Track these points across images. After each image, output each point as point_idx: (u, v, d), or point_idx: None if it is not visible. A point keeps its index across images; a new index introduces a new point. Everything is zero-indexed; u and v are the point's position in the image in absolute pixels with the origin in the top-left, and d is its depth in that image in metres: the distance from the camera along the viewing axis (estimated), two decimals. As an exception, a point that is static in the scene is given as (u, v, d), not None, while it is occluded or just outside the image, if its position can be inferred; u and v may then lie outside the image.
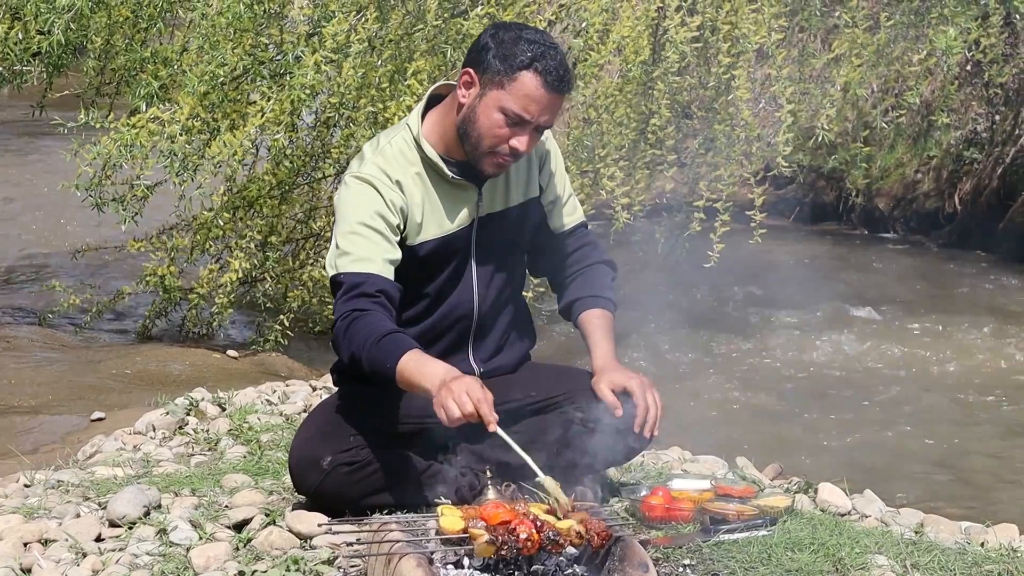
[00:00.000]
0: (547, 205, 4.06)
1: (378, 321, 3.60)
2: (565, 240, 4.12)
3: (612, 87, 7.50)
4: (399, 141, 3.85)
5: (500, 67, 3.67)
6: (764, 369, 8.08)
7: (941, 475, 6.37)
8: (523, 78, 3.66)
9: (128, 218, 7.16)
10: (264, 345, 7.41)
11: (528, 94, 3.66)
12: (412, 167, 3.82)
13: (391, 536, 3.32)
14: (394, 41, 7.25)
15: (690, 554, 3.62)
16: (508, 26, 3.78)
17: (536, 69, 3.65)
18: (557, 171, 4.07)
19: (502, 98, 3.68)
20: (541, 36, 3.72)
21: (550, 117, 3.73)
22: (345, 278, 3.68)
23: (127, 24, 7.94)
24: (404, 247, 3.80)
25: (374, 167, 3.79)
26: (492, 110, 3.70)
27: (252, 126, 7.02)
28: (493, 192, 3.92)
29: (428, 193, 3.83)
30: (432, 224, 3.83)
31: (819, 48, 9.58)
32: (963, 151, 12.13)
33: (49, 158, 11.81)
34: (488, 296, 3.97)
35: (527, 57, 3.65)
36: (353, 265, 3.68)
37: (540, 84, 3.66)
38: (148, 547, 3.66)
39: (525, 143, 3.72)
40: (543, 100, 3.67)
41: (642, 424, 3.84)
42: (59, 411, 6.11)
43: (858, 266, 11.20)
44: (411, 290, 3.87)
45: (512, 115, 3.68)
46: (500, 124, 3.70)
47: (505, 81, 3.67)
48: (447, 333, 3.96)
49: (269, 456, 4.63)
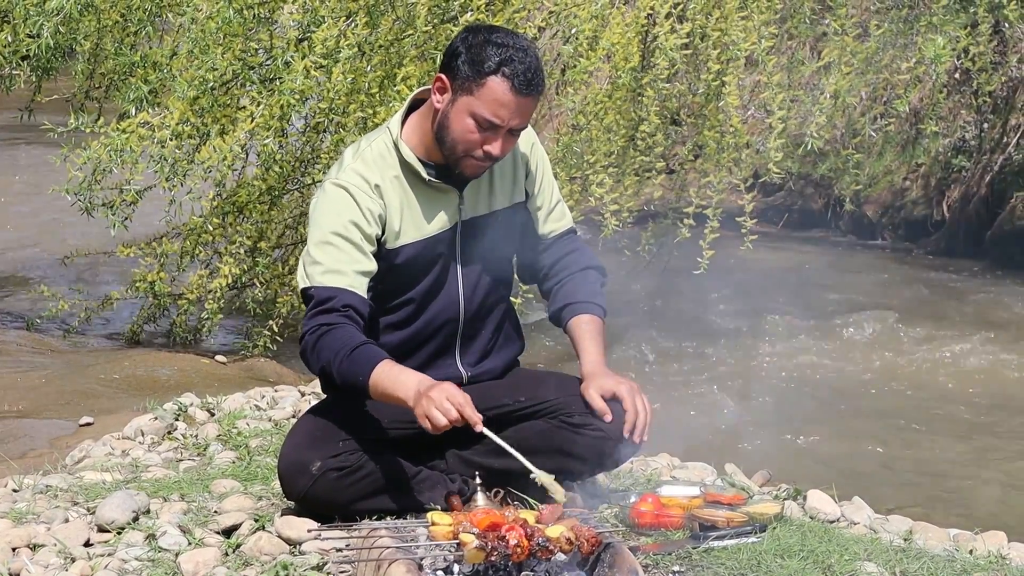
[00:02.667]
0: (534, 211, 4.06)
1: (348, 334, 3.60)
2: (553, 246, 4.11)
3: (601, 94, 7.51)
4: (379, 144, 3.85)
5: (469, 72, 3.67)
6: (753, 376, 8.09)
7: (929, 482, 6.38)
8: (491, 83, 3.65)
9: (118, 223, 7.15)
10: (253, 350, 7.40)
11: (497, 99, 3.66)
12: (391, 170, 3.82)
13: (380, 542, 3.32)
14: (384, 46, 7.25)
15: (680, 560, 3.62)
16: (479, 29, 3.76)
17: (504, 74, 3.64)
18: (544, 177, 4.06)
19: (472, 104, 3.68)
20: (511, 39, 3.71)
21: (522, 120, 3.72)
22: (316, 292, 3.67)
23: (116, 28, 7.93)
24: (383, 251, 3.79)
25: (352, 172, 3.78)
26: (464, 116, 3.69)
27: (242, 131, 7.02)
28: (476, 196, 3.91)
29: (407, 196, 3.82)
30: (411, 228, 3.82)
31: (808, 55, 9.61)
32: (951, 159, 12.16)
33: (38, 162, 11.78)
34: (474, 300, 3.96)
35: (495, 62, 3.64)
36: (324, 278, 3.67)
37: (508, 89, 3.65)
38: (137, 552, 3.65)
39: (499, 147, 3.72)
40: (512, 104, 3.67)
41: (631, 429, 3.85)
42: (47, 416, 6.09)
43: (846, 273, 11.21)
44: (395, 296, 3.87)
45: (483, 121, 3.68)
46: (472, 129, 3.70)
47: (474, 87, 3.67)
48: (433, 338, 3.96)
49: (258, 461, 4.62)
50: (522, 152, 4.01)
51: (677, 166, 9.28)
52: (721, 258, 7.48)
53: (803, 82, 8.69)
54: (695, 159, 8.50)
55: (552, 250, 4.11)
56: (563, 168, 7.55)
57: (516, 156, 3.99)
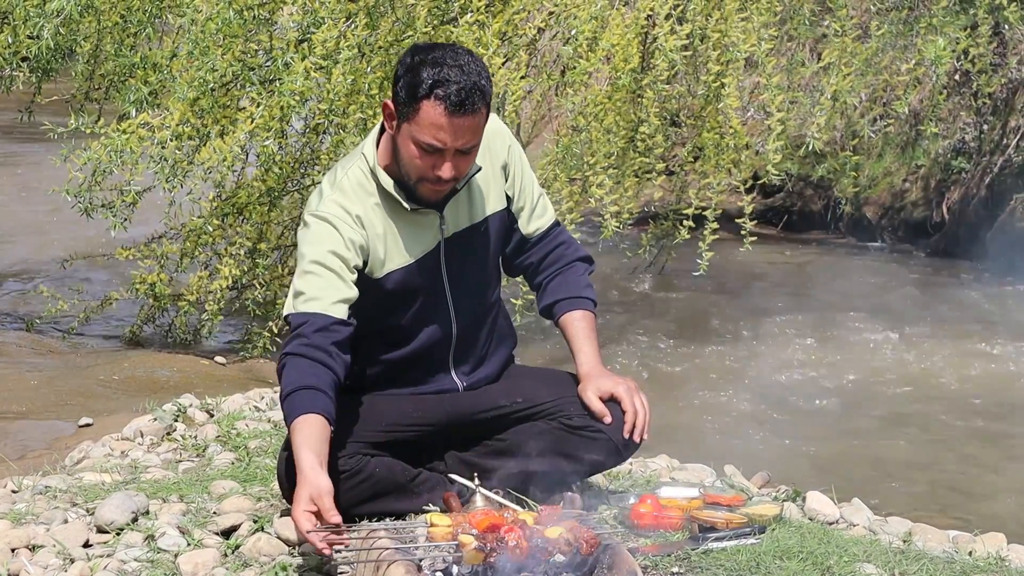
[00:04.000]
0: (517, 212, 4.00)
1: (294, 373, 3.55)
2: (539, 243, 4.07)
3: (601, 95, 7.50)
4: (356, 172, 3.78)
5: (405, 98, 3.58)
6: (752, 377, 8.09)
7: (929, 484, 6.38)
8: (425, 107, 3.55)
9: (117, 224, 7.15)
10: (252, 351, 7.40)
11: (433, 123, 3.56)
12: (371, 198, 3.75)
13: (380, 543, 3.32)
14: (384, 48, 7.25)
15: (679, 562, 3.62)
16: (418, 50, 3.66)
17: (437, 96, 3.53)
18: (524, 176, 3.99)
19: (412, 130, 3.59)
20: (449, 57, 3.59)
21: (467, 139, 3.61)
22: (292, 318, 3.64)
23: (116, 29, 7.92)
24: (370, 282, 3.75)
25: (333, 204, 3.72)
26: (408, 143, 3.62)
27: (242, 132, 7.02)
28: (456, 212, 3.84)
29: (389, 223, 3.76)
30: (396, 255, 3.78)
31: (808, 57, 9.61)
32: (951, 160, 12.14)
33: (38, 163, 11.78)
34: (466, 316, 3.93)
35: (427, 86, 3.54)
36: (302, 306, 3.63)
37: (443, 112, 3.54)
38: (136, 553, 3.65)
39: (449, 170, 3.62)
40: (449, 127, 3.56)
41: (631, 429, 3.85)
42: (46, 417, 6.10)
43: (846, 275, 11.20)
44: (387, 320, 3.84)
45: (425, 145, 3.59)
46: (417, 156, 3.61)
47: (411, 113, 3.58)
48: (427, 356, 3.93)
49: (257, 462, 4.62)
50: (499, 156, 3.92)
51: (677, 167, 9.28)
52: (720, 259, 7.48)
53: (803, 83, 8.70)
54: (695, 160, 8.50)
55: (539, 247, 4.07)
56: (563, 169, 7.55)
57: (494, 163, 3.91)
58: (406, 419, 3.85)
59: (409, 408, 3.91)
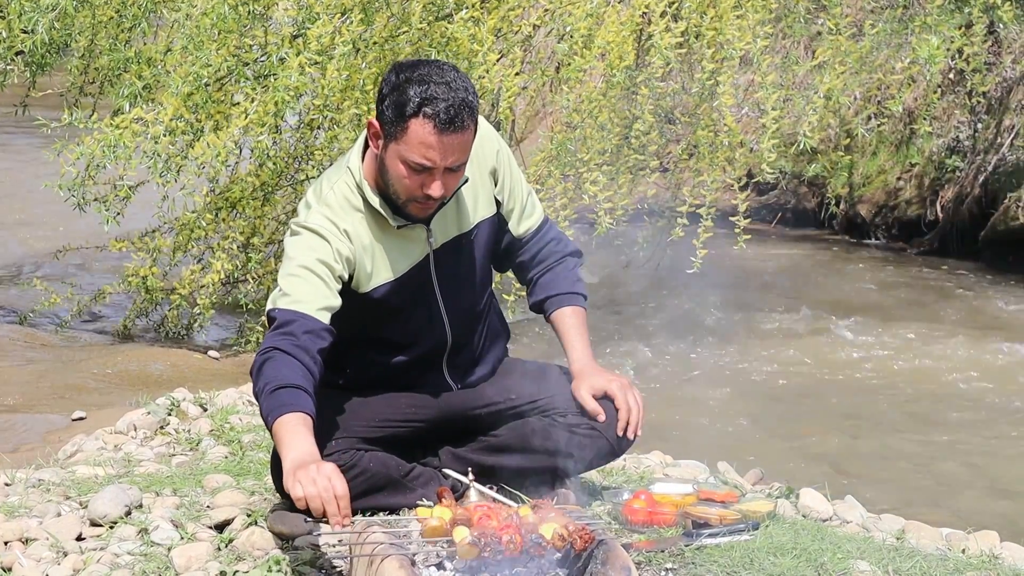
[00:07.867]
0: (507, 214, 3.98)
1: (284, 368, 3.49)
2: (530, 242, 4.06)
3: (596, 92, 7.50)
4: (342, 187, 3.74)
5: (392, 117, 3.55)
6: (745, 374, 8.10)
7: (922, 482, 6.39)
8: (413, 126, 3.51)
9: (111, 218, 7.13)
10: (245, 346, 7.40)
11: (422, 142, 3.52)
12: (358, 212, 3.73)
13: (374, 537, 3.32)
14: (379, 43, 7.25)
15: (672, 558, 3.62)
16: (402, 67, 3.61)
17: (425, 114, 3.49)
18: (512, 177, 3.96)
19: (400, 150, 3.55)
20: (432, 73, 3.55)
21: (457, 157, 3.58)
22: (279, 314, 3.58)
23: (111, 24, 7.91)
24: (358, 295, 3.74)
25: (321, 216, 3.69)
26: (396, 162, 3.58)
27: (235, 127, 7.01)
28: (444, 223, 3.82)
29: (375, 238, 3.74)
30: (383, 269, 3.76)
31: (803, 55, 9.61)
32: (945, 159, 12.16)
33: (31, 157, 11.76)
34: (459, 322, 3.92)
35: (414, 104, 3.50)
36: (292, 304, 3.59)
37: (432, 130, 3.50)
38: (129, 547, 3.65)
39: (438, 188, 3.59)
40: (439, 145, 3.52)
41: (624, 426, 3.86)
42: (40, 410, 6.09)
43: (839, 272, 11.23)
44: (380, 332, 3.84)
45: (414, 165, 3.55)
46: (406, 175, 3.58)
47: (398, 132, 3.54)
48: (421, 363, 3.93)
49: (251, 457, 4.62)
50: (488, 162, 3.90)
51: (671, 165, 9.28)
52: (715, 257, 7.48)
53: (797, 81, 8.70)
54: (689, 158, 8.49)
55: (529, 245, 4.06)
56: (557, 166, 7.54)
57: (482, 169, 3.88)
58: (399, 414, 3.86)
59: (403, 404, 3.91)
